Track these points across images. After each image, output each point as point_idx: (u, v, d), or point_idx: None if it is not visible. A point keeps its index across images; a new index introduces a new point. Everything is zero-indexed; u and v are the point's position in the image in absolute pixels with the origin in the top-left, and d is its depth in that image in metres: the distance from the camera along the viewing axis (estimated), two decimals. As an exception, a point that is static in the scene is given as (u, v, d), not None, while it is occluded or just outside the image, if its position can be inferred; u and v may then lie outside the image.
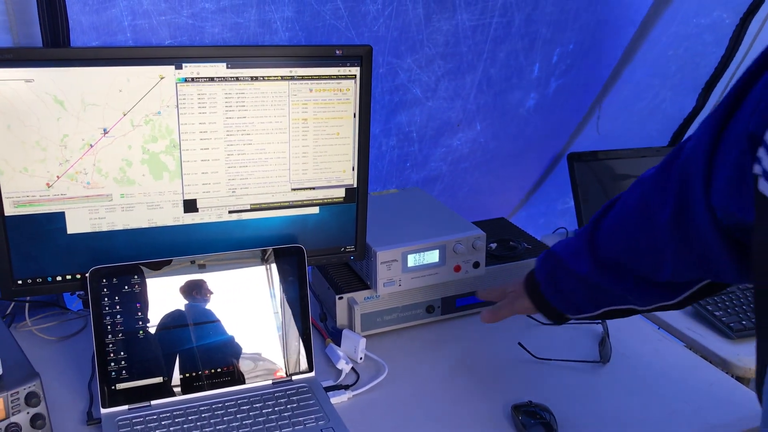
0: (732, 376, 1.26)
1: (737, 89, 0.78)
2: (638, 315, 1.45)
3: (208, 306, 1.11)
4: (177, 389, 1.08)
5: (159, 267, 1.09)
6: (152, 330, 1.08)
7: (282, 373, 1.14)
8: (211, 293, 1.11)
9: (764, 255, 0.67)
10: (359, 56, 1.15)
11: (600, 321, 1.35)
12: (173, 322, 1.09)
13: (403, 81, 1.48)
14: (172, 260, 1.10)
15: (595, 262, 1.01)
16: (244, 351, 1.12)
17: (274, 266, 1.15)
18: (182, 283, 1.10)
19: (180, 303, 1.09)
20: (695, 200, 0.83)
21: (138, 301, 1.07)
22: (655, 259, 0.92)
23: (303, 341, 1.16)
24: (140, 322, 1.07)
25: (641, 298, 1.00)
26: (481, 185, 1.87)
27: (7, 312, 1.29)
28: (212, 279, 1.11)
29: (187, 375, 1.09)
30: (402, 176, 1.71)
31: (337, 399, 1.12)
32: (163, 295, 1.08)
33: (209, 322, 1.11)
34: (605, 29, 1.66)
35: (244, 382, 1.12)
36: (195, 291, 1.10)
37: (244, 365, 1.12)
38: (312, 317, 1.24)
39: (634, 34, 1.74)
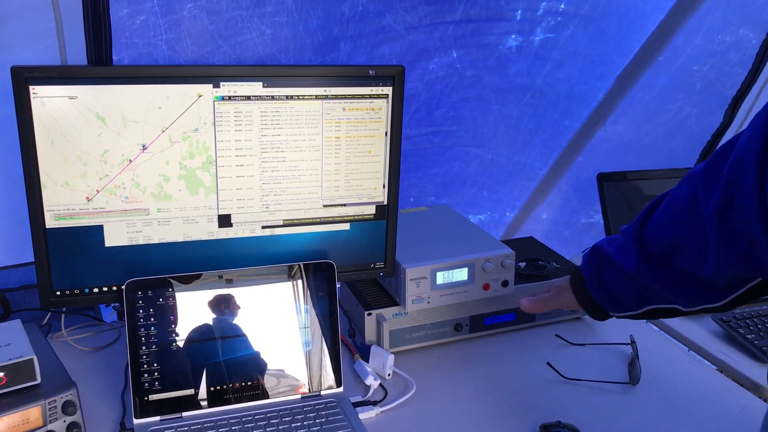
0: (764, 401, 1.24)
1: None
2: (668, 336, 1.43)
3: (238, 321, 1.12)
4: (207, 402, 1.10)
5: (188, 281, 1.11)
6: (185, 342, 1.10)
7: (310, 388, 1.15)
8: (239, 308, 1.13)
9: None
10: (392, 76, 1.17)
11: (630, 342, 1.34)
12: (204, 335, 1.11)
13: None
14: (201, 274, 1.12)
15: (642, 256, 1.01)
16: (273, 365, 1.14)
17: (304, 282, 1.16)
18: (211, 297, 1.12)
19: (210, 317, 1.11)
20: (745, 193, 0.82)
21: (172, 314, 1.09)
22: (700, 253, 0.93)
23: (332, 356, 1.17)
24: (173, 335, 1.09)
25: (686, 297, 1.00)
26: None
27: (44, 322, 1.32)
28: (242, 294, 1.13)
29: (217, 388, 1.11)
30: None
31: (365, 414, 1.13)
32: (195, 309, 1.10)
33: (237, 336, 1.12)
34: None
35: (272, 396, 1.13)
36: (224, 305, 1.12)
37: (273, 379, 1.13)
38: (341, 333, 1.25)
39: (654, 32, 1.73)
